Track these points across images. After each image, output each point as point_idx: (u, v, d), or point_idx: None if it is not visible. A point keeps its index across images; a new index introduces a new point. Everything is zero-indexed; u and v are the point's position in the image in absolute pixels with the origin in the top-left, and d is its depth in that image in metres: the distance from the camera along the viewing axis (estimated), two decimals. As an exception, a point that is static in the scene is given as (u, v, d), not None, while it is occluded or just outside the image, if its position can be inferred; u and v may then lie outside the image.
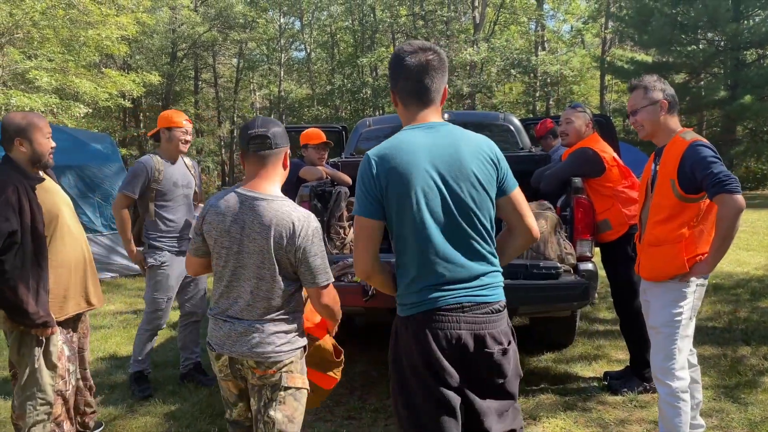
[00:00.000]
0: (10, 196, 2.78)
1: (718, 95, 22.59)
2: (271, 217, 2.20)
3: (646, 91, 2.95)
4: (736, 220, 2.72)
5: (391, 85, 2.05)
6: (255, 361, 2.24)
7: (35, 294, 2.82)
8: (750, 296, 6.09)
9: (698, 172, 2.72)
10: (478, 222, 1.95)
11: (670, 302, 2.88)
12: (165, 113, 4.17)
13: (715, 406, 3.64)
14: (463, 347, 1.90)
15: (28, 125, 2.95)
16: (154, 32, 27.97)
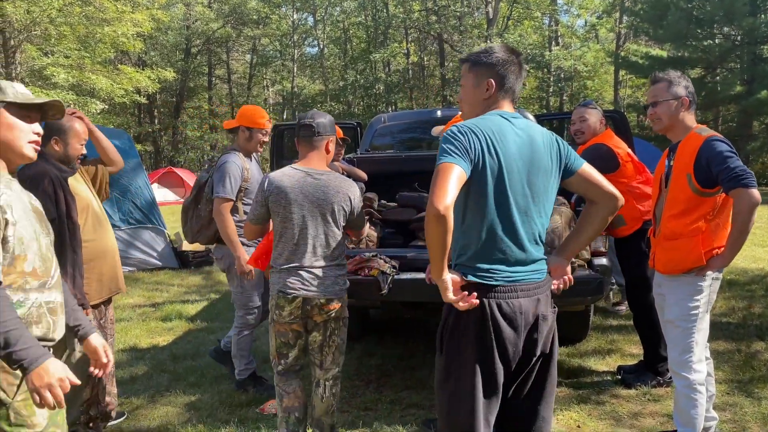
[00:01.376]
0: (46, 187, 2.91)
1: (734, 90, 22.39)
2: (335, 187, 2.92)
3: (669, 86, 2.95)
4: (752, 213, 2.75)
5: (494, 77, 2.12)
6: (326, 298, 2.90)
7: (72, 278, 2.95)
8: (765, 292, 6.09)
9: (714, 166, 2.75)
10: (544, 210, 2.09)
11: (686, 296, 2.91)
12: (247, 110, 4.03)
13: (728, 400, 3.67)
14: (524, 313, 2.02)
15: (69, 129, 3.10)
16: (169, 28, 28.23)
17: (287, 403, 3.01)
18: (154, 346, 5.20)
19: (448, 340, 2.07)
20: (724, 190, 2.79)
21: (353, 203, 2.96)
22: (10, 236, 1.82)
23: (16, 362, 1.70)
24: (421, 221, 4.43)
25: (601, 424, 3.43)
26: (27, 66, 17.88)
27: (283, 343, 2.98)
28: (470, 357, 2.01)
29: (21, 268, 1.85)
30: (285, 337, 2.97)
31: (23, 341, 1.70)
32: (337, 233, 2.95)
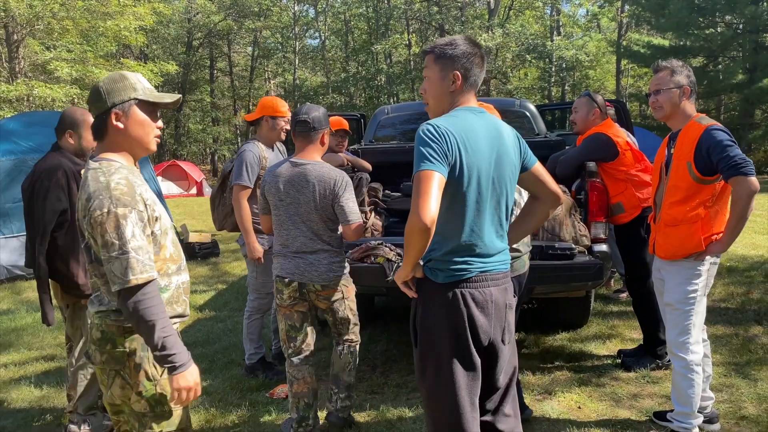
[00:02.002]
0: (60, 178, 3.05)
1: (736, 79, 22.36)
2: (316, 175, 3.05)
3: (672, 74, 3.02)
4: (751, 200, 2.84)
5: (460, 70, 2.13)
6: (321, 285, 3.09)
7: (84, 267, 3.06)
8: (763, 278, 6.17)
9: (714, 155, 2.84)
10: (507, 204, 2.16)
11: (685, 280, 3.01)
12: (268, 101, 4.16)
13: (725, 381, 3.77)
14: (495, 302, 2.11)
15: (83, 122, 3.20)
16: (171, 22, 28.22)
17: (297, 389, 3.16)
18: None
19: (421, 332, 2.14)
20: (724, 178, 2.87)
21: (336, 190, 3.02)
22: (157, 230, 1.98)
23: (169, 364, 1.88)
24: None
25: (601, 405, 3.54)
26: (30, 60, 17.95)
27: (290, 327, 3.17)
28: (446, 347, 2.07)
29: (163, 255, 2.02)
30: (291, 320, 3.16)
31: (176, 346, 1.88)
32: (328, 221, 3.08)
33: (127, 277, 1.81)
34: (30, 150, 7.96)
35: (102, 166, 1.93)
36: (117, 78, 2.00)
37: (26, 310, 6.41)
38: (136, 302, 1.82)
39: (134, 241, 1.84)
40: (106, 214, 1.83)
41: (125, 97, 1.97)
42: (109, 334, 1.97)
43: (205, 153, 39.87)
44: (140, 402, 1.98)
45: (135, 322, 1.86)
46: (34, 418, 3.69)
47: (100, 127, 1.99)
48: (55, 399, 3.94)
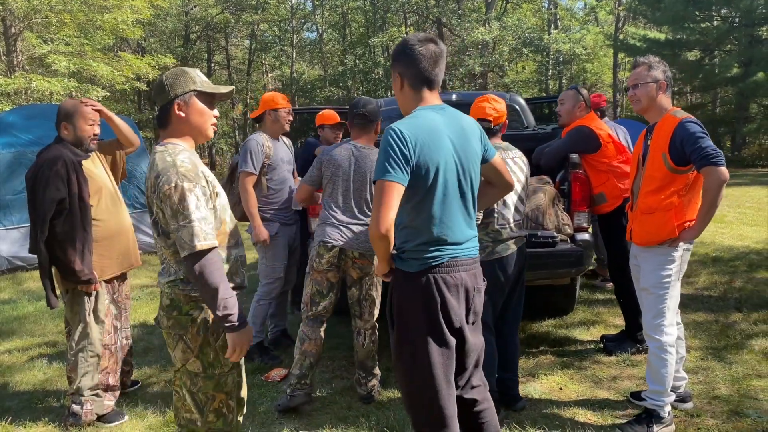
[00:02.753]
0: (59, 168, 3.20)
1: (731, 72, 22.48)
2: (368, 157, 3.51)
3: (649, 69, 3.16)
4: (721, 190, 2.98)
5: (399, 70, 2.27)
6: (359, 252, 3.46)
7: (81, 254, 3.23)
8: (747, 268, 6.33)
9: (687, 146, 2.98)
10: (473, 193, 2.30)
11: (659, 265, 3.16)
12: (268, 96, 4.40)
13: (702, 364, 3.93)
14: (465, 285, 2.24)
15: (74, 112, 3.34)
16: (168, 15, 28.19)
17: (307, 347, 3.47)
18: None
19: (397, 316, 2.27)
20: (696, 168, 3.02)
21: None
22: (218, 205, 2.21)
23: (229, 323, 2.09)
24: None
25: (582, 386, 3.70)
26: (28, 54, 18.00)
27: (317, 291, 3.50)
28: (421, 329, 2.20)
29: (224, 229, 2.24)
30: (320, 285, 3.49)
31: (235, 308, 2.09)
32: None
33: (193, 243, 2.03)
34: (29, 143, 8.08)
35: (168, 149, 2.16)
36: (178, 73, 2.23)
37: (27, 299, 6.55)
38: (202, 266, 2.03)
39: (198, 212, 2.06)
40: (173, 188, 2.05)
41: (186, 89, 2.19)
42: (176, 302, 2.19)
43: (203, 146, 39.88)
44: (195, 362, 2.21)
45: (200, 285, 2.07)
46: (38, 400, 3.84)
47: (164, 116, 2.22)
48: (57, 382, 4.09)
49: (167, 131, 2.23)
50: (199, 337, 2.19)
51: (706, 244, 7.61)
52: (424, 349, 2.20)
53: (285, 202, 4.37)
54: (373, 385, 3.63)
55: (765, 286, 5.65)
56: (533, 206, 3.88)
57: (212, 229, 2.10)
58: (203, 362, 2.21)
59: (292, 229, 4.44)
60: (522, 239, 3.38)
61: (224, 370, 2.24)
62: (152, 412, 3.58)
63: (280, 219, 4.34)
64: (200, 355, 2.20)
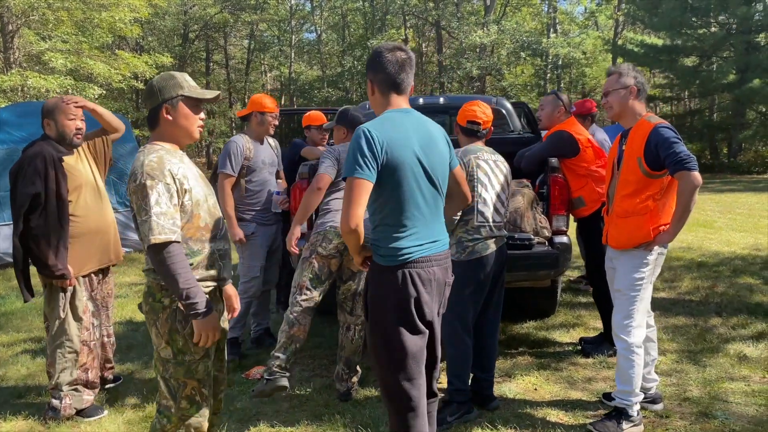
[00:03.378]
0: (38, 164, 3.26)
1: (728, 79, 22.59)
2: None
3: (619, 77, 3.25)
4: (694, 194, 3.04)
5: (370, 76, 2.40)
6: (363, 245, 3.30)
7: (55, 249, 3.28)
8: (731, 273, 6.38)
9: (662, 151, 3.04)
10: (442, 192, 2.40)
11: (633, 268, 3.21)
12: (257, 98, 4.42)
13: (676, 367, 3.98)
14: (437, 279, 2.36)
15: (55, 108, 3.39)
16: (167, 14, 28.21)
17: (295, 332, 3.44)
18: (149, 320, 5.50)
19: (372, 306, 2.37)
20: (670, 173, 3.07)
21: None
22: (187, 201, 2.30)
23: (193, 311, 2.22)
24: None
25: (556, 387, 3.75)
26: (25, 51, 18.03)
27: (315, 276, 3.47)
28: (393, 319, 2.29)
29: (197, 223, 2.34)
30: (321, 270, 3.47)
31: (198, 296, 2.22)
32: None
33: (149, 237, 2.16)
34: (22, 140, 8.10)
35: (146, 149, 2.31)
36: (167, 77, 2.36)
37: (16, 295, 6.58)
38: (161, 258, 2.16)
39: (157, 207, 2.18)
40: (138, 185, 2.20)
41: (173, 94, 2.33)
42: (151, 289, 2.33)
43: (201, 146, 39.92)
44: (166, 349, 2.31)
45: (162, 275, 2.20)
46: (20, 394, 3.88)
47: (153, 119, 2.35)
48: (40, 377, 4.13)
49: (155, 133, 2.37)
50: (167, 323, 2.30)
51: (692, 249, 7.68)
52: (398, 339, 2.30)
53: (264, 204, 4.40)
54: (353, 381, 3.68)
55: (747, 291, 5.71)
56: (512, 209, 3.93)
57: (173, 225, 2.20)
58: (173, 348, 2.31)
59: (271, 229, 4.47)
60: (502, 239, 3.44)
61: (194, 357, 2.32)
62: (132, 407, 3.62)
63: (258, 220, 4.38)
64: (170, 341, 2.30)
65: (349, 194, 2.20)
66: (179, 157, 2.36)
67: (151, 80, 2.37)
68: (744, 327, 4.71)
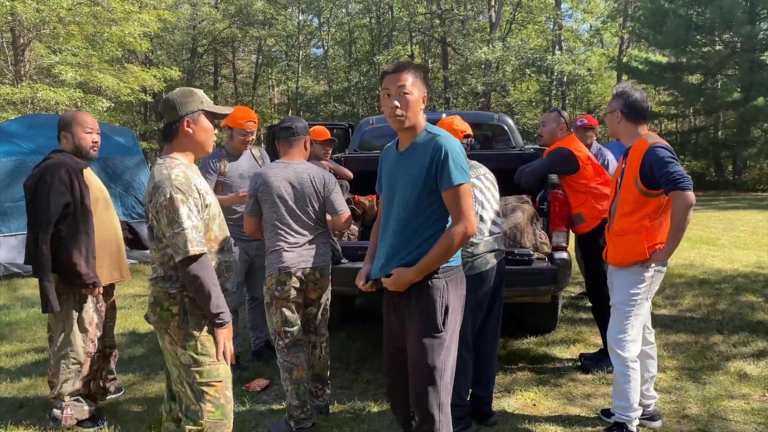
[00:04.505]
0: (63, 175, 3.31)
1: (732, 97, 22.63)
2: (309, 174, 3.42)
3: (611, 99, 3.35)
4: (687, 213, 3.07)
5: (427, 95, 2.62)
6: (319, 272, 3.42)
7: (86, 258, 3.34)
8: (733, 291, 6.37)
9: (656, 170, 3.08)
10: None
11: (629, 284, 3.24)
12: (235, 110, 4.16)
13: (676, 384, 3.98)
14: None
15: (72, 121, 3.46)
16: (176, 28, 28.54)
17: (297, 375, 3.37)
18: (152, 331, 5.52)
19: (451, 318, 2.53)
20: (665, 192, 3.11)
21: (327, 185, 3.44)
22: (206, 216, 2.42)
23: (219, 320, 2.36)
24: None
25: (555, 403, 3.75)
26: (36, 63, 18.26)
27: (285, 319, 3.38)
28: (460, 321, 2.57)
29: (210, 236, 2.46)
30: (289, 310, 3.39)
31: (225, 306, 2.37)
32: (320, 213, 3.44)
33: (187, 248, 2.26)
34: (30, 151, 8.22)
35: (166, 162, 2.39)
36: (187, 92, 2.45)
37: (21, 306, 6.64)
38: (196, 269, 2.28)
39: (189, 221, 2.29)
40: (168, 199, 2.28)
41: (195, 108, 2.43)
42: (158, 298, 2.41)
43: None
44: (185, 355, 2.40)
45: (194, 287, 2.30)
46: (22, 404, 3.91)
47: (172, 132, 2.43)
48: (42, 387, 4.16)
49: (172, 145, 2.45)
50: (181, 330, 2.38)
51: (695, 266, 7.67)
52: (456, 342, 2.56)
53: (241, 219, 4.08)
54: (328, 395, 3.65)
55: (748, 309, 5.70)
56: (512, 224, 3.96)
57: (202, 237, 2.33)
58: (191, 353, 2.39)
59: (251, 245, 4.35)
60: (501, 253, 3.46)
61: (214, 359, 2.42)
62: (132, 418, 3.65)
63: (236, 235, 4.21)
64: (186, 347, 2.39)
65: (466, 200, 2.38)
66: (195, 171, 2.46)
67: (170, 95, 2.45)
68: (745, 345, 4.71)
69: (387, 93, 2.45)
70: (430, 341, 2.42)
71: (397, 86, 2.42)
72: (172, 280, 2.39)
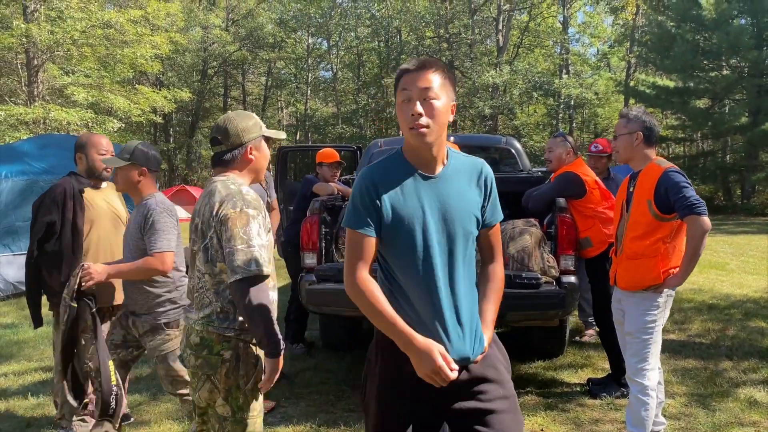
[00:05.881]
0: (57, 195, 3.37)
1: (740, 121, 22.68)
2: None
3: (627, 121, 3.29)
4: (703, 238, 3.07)
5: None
6: None
7: (66, 278, 3.31)
8: (742, 316, 6.33)
9: (672, 195, 3.08)
10: None
11: (644, 311, 3.22)
12: None
13: (686, 411, 3.94)
14: None
15: (87, 143, 3.51)
16: (186, 50, 28.95)
17: None
18: (159, 352, 5.54)
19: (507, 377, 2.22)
20: (680, 217, 3.11)
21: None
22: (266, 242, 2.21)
23: (274, 347, 2.10)
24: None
25: (563, 428, 3.72)
26: (48, 84, 18.56)
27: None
28: None
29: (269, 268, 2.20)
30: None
31: (278, 334, 2.12)
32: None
33: (251, 267, 2.06)
34: (42, 171, 8.31)
35: (230, 178, 2.25)
36: (245, 117, 2.34)
37: (29, 324, 6.62)
38: (255, 291, 2.06)
39: (259, 239, 2.12)
40: (238, 212, 2.11)
41: (257, 134, 2.33)
42: (207, 340, 2.18)
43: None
44: (225, 407, 2.19)
45: (248, 310, 2.06)
46: (29, 423, 3.92)
47: (233, 158, 2.29)
48: (50, 406, 4.16)
49: (228, 169, 2.30)
50: (229, 379, 2.18)
51: (704, 291, 7.63)
52: None
53: None
54: None
55: (758, 335, 5.66)
56: (519, 248, 3.98)
57: (269, 260, 2.14)
58: (233, 406, 2.19)
59: None
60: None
61: (253, 414, 2.24)
62: (138, 438, 3.65)
63: None
64: (229, 399, 2.19)
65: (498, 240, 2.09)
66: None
67: (230, 120, 2.32)
68: (755, 371, 4.67)
69: (406, 97, 1.82)
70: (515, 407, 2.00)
71: (421, 88, 1.81)
72: (229, 319, 2.17)
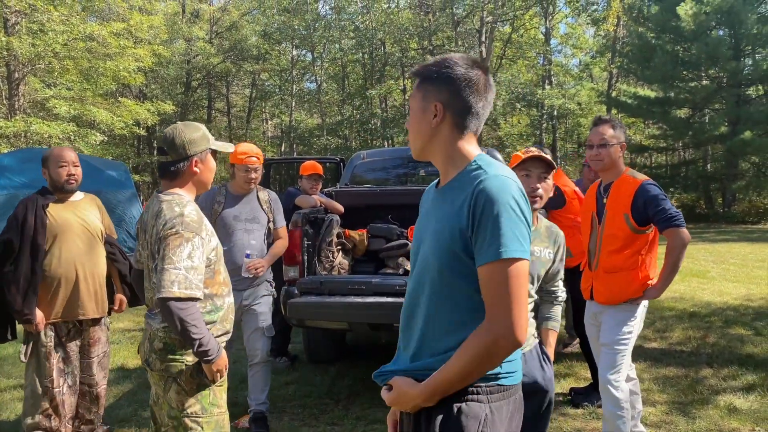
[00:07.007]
0: (18, 212, 3.39)
1: (719, 131, 23.00)
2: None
3: (613, 128, 3.23)
4: (683, 250, 3.11)
5: None
6: None
7: (23, 294, 3.33)
8: (723, 324, 6.40)
9: (651, 208, 3.11)
10: None
11: (621, 322, 3.24)
12: (237, 147, 3.81)
13: (666, 419, 3.97)
14: None
15: (48, 157, 3.53)
16: (170, 63, 28.85)
17: None
18: (140, 367, 5.48)
19: None
20: (659, 229, 3.15)
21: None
22: (212, 256, 2.31)
23: (207, 356, 2.21)
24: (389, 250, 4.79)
25: (545, 438, 3.73)
26: (30, 97, 18.41)
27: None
28: None
29: (218, 279, 2.35)
30: None
31: (210, 343, 2.21)
32: None
33: (173, 288, 2.11)
34: (22, 185, 8.25)
35: (175, 199, 2.29)
36: (193, 129, 2.36)
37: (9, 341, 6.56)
38: (179, 309, 2.12)
39: (188, 261, 2.15)
40: (174, 234, 2.16)
41: (203, 147, 2.35)
42: (171, 346, 2.27)
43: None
44: (195, 405, 2.30)
45: (175, 326, 2.14)
46: (7, 441, 3.86)
47: (177, 170, 2.32)
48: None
49: (176, 182, 2.34)
50: (194, 379, 2.29)
51: (685, 299, 7.71)
52: None
53: (233, 264, 3.73)
54: None
55: (738, 342, 5.72)
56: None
57: (200, 282, 2.18)
58: (203, 403, 2.30)
59: (241, 294, 3.83)
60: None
61: (222, 410, 2.36)
62: (118, 456, 3.60)
63: None
64: (199, 397, 2.29)
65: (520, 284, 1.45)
66: (199, 209, 2.35)
67: (177, 132, 2.31)
68: (735, 378, 4.72)
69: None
70: None
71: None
72: None
